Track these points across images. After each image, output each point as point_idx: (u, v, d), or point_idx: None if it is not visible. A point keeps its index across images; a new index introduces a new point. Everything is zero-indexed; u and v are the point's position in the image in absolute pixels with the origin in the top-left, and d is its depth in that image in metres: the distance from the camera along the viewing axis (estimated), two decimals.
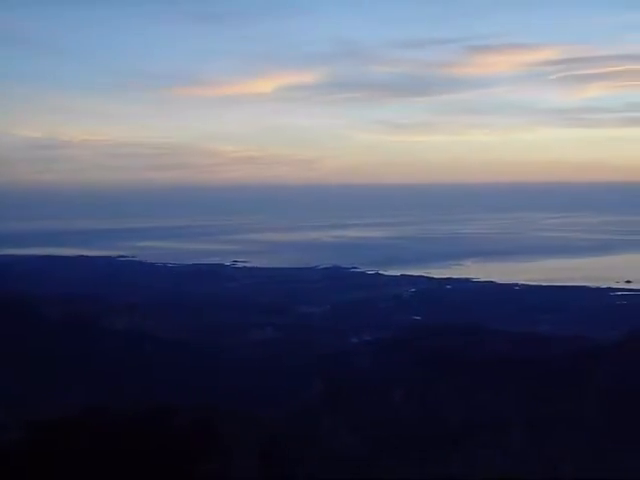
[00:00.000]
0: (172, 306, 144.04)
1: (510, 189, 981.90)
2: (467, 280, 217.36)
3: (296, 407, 76.48)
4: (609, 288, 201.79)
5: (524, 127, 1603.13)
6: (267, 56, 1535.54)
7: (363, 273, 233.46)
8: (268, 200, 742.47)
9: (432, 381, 78.71)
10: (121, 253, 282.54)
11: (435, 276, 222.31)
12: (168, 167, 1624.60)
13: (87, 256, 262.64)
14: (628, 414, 69.46)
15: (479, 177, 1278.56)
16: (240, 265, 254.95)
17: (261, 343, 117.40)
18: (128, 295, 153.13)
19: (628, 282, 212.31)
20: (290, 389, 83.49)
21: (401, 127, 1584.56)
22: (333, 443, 67.95)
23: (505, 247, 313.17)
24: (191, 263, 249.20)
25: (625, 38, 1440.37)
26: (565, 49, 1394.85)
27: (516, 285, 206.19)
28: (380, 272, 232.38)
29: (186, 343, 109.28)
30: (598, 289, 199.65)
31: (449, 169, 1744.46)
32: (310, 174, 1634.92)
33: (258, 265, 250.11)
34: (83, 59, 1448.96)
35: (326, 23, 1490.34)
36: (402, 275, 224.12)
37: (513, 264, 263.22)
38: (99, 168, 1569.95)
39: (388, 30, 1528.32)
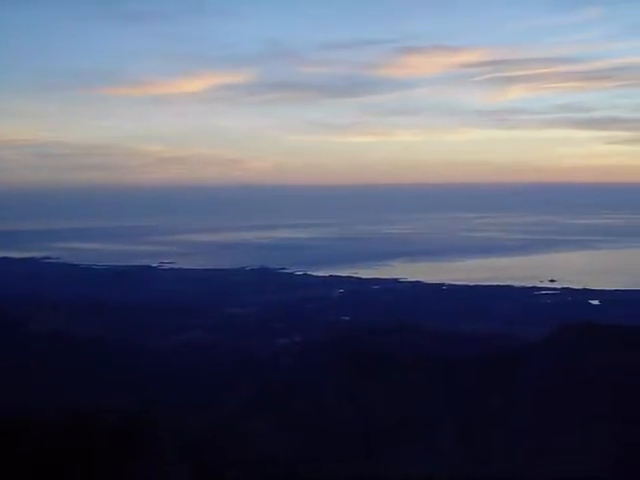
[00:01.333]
0: (96, 308, 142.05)
1: (437, 190, 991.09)
2: (395, 280, 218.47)
3: (226, 409, 75.83)
4: (534, 287, 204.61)
5: (450, 128, 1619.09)
6: (196, 56, 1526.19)
7: (292, 274, 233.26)
8: (196, 201, 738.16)
9: (362, 381, 78.72)
10: (46, 254, 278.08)
11: (363, 276, 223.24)
12: (94, 167, 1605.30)
13: (11, 258, 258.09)
14: (553, 412, 70.23)
15: (407, 178, 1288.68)
16: (167, 266, 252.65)
17: (188, 345, 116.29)
18: (51, 296, 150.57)
19: (552, 281, 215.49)
20: (219, 391, 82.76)
21: (331, 128, 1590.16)
22: (263, 444, 67.52)
23: (432, 247, 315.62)
24: (118, 264, 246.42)
25: (548, 41, 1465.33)
26: (490, 51, 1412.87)
27: (443, 285, 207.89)
28: (308, 273, 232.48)
29: (110, 345, 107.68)
30: (523, 288, 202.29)
31: (378, 170, 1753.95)
32: (239, 175, 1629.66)
33: (185, 266, 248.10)
34: (7, 58, 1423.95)
35: (255, 24, 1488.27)
36: (330, 276, 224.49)
37: (440, 264, 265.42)
38: (25, 168, 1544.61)
39: (317, 31, 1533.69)
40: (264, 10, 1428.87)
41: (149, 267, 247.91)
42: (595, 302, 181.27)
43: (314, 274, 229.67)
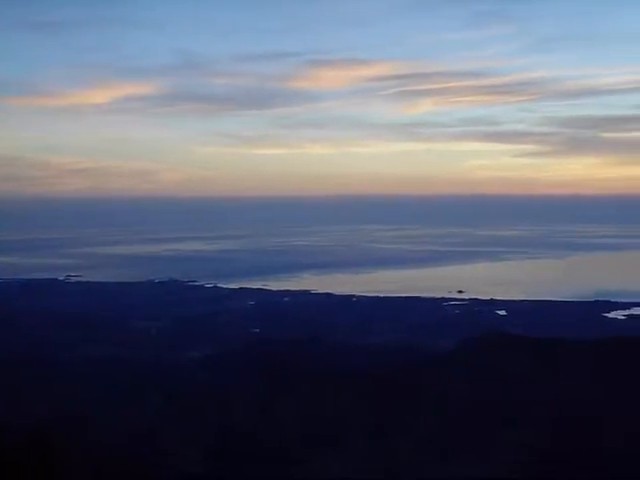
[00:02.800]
0: (1, 323, 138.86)
1: (347, 202, 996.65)
2: (305, 292, 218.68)
3: (134, 423, 74.63)
4: (442, 298, 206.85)
5: (360, 141, 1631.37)
6: (105, 66, 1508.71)
7: (201, 286, 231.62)
8: (104, 213, 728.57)
9: (273, 393, 78.36)
10: None
11: (274, 288, 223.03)
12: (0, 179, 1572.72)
13: None
14: (462, 419, 70.87)
15: (317, 190, 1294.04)
16: (74, 279, 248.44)
17: (96, 359, 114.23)
18: None
19: (460, 292, 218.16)
20: (128, 406, 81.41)
21: (241, 140, 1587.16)
22: (173, 459, 66.64)
23: (342, 259, 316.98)
24: (22, 277, 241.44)
25: (457, 55, 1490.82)
26: (399, 65, 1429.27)
27: (353, 296, 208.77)
28: (218, 285, 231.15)
29: (13, 360, 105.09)
30: (432, 299, 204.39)
31: (287, 182, 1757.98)
32: (149, 186, 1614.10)
33: (93, 279, 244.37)
34: None
35: (166, 35, 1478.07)
36: (241, 288, 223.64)
37: (350, 275, 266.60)
38: None
39: (228, 43, 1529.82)
40: (174, 21, 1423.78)
41: (55, 280, 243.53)
42: (502, 312, 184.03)
43: (224, 286, 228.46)
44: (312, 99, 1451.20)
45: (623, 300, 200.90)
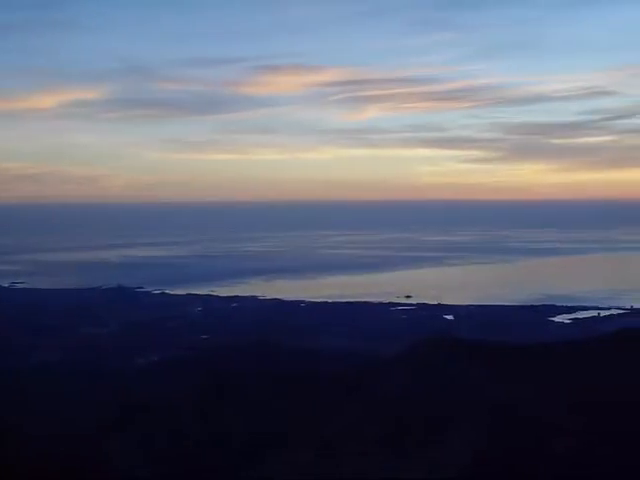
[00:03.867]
0: None
1: (296, 207, 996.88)
2: (254, 298, 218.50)
3: (82, 430, 74.14)
4: (390, 303, 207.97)
5: (309, 146, 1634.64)
6: (49, 71, 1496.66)
7: (149, 293, 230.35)
8: (51, 219, 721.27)
9: (221, 399, 78.27)
10: None
11: (222, 294, 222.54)
12: None
13: None
14: (408, 423, 71.37)
15: (266, 195, 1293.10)
16: (19, 286, 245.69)
17: (43, 366, 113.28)
18: None
19: (408, 297, 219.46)
20: (76, 412, 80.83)
21: (189, 145, 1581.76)
22: (117, 464, 66.35)
23: (291, 264, 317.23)
24: None
25: (405, 62, 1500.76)
26: (347, 71, 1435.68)
27: (302, 302, 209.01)
28: (166, 291, 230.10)
29: None
30: (380, 304, 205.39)
31: (237, 188, 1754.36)
32: (96, 192, 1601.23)
33: (39, 286, 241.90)
34: None
35: (113, 40, 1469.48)
36: (188, 294, 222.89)
37: (299, 281, 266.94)
38: None
39: (177, 48, 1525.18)
40: (122, 26, 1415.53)
41: None
42: (449, 317, 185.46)
43: (172, 293, 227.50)
44: (260, 105, 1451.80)
45: (568, 304, 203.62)
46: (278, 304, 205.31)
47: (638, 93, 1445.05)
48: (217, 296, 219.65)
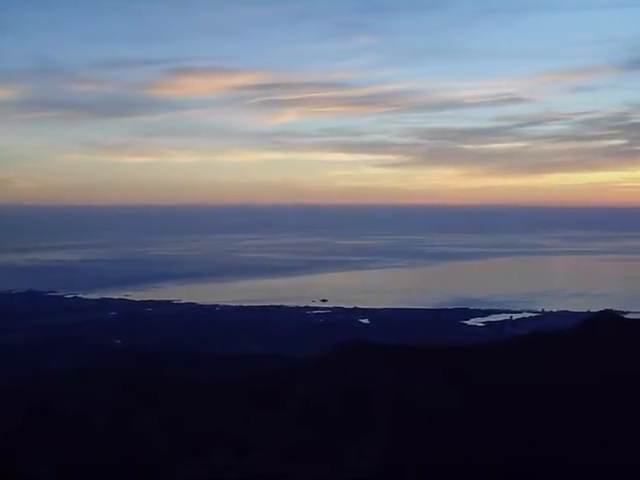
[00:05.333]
0: None
1: (211, 211, 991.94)
2: (168, 302, 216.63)
3: None
4: (307, 307, 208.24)
5: (225, 150, 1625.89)
6: None
7: (61, 297, 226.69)
8: None
9: (136, 406, 77.16)
10: None
11: (136, 299, 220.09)
12: None
13: None
14: (324, 429, 71.38)
15: (181, 199, 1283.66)
16: None
17: None
18: None
19: (324, 301, 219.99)
20: None
21: (103, 147, 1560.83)
22: (27, 475, 64.88)
23: (206, 268, 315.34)
24: None
25: (320, 66, 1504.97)
26: (264, 75, 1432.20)
27: (217, 306, 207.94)
28: (79, 296, 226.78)
29: None
30: (297, 308, 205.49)
31: (152, 191, 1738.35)
32: (7, 194, 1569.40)
33: None
34: None
35: (25, 40, 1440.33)
36: (102, 298, 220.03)
37: (214, 285, 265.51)
38: None
39: (91, 49, 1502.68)
40: (35, 26, 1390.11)
41: None
42: (365, 321, 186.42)
43: (85, 297, 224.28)
44: (176, 107, 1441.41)
45: (481, 307, 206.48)
46: (193, 308, 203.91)
47: (549, 100, 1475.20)
48: (132, 300, 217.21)
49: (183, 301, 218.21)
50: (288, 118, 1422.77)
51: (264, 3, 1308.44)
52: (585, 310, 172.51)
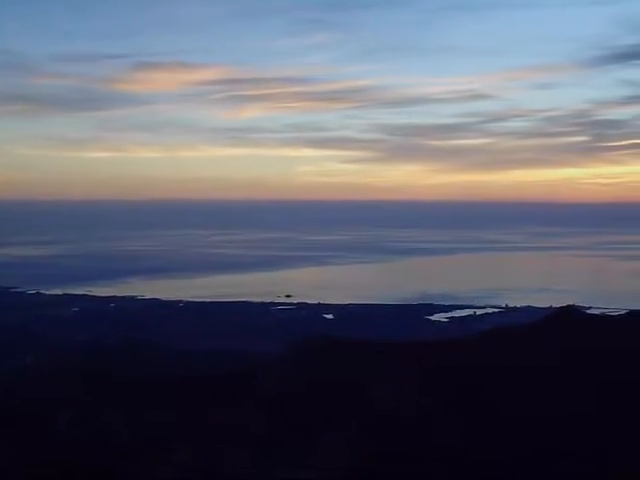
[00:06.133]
0: None
1: (175, 206, 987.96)
2: (132, 298, 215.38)
3: None
4: (271, 303, 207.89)
5: (188, 145, 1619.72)
6: None
7: (23, 293, 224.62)
8: None
9: (99, 402, 76.57)
10: None
11: (99, 294, 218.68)
12: None
13: None
14: (290, 423, 71.20)
15: (145, 194, 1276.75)
16: None
17: None
18: None
19: (289, 296, 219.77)
20: None
21: (66, 142, 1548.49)
22: None
23: (170, 264, 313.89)
24: None
25: (285, 62, 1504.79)
26: (227, 70, 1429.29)
27: (181, 302, 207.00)
28: (41, 291, 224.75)
29: None
30: (262, 304, 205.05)
31: (115, 186, 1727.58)
32: None
33: None
34: None
35: None
36: (65, 294, 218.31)
37: (178, 281, 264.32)
38: None
39: (54, 44, 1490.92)
40: None
41: None
42: (329, 316, 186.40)
43: (47, 293, 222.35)
44: (140, 102, 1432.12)
45: (445, 303, 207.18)
46: (156, 304, 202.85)
47: (513, 97, 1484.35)
48: (94, 296, 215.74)
49: (147, 297, 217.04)
50: (253, 113, 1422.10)
51: None
52: (548, 305, 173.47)
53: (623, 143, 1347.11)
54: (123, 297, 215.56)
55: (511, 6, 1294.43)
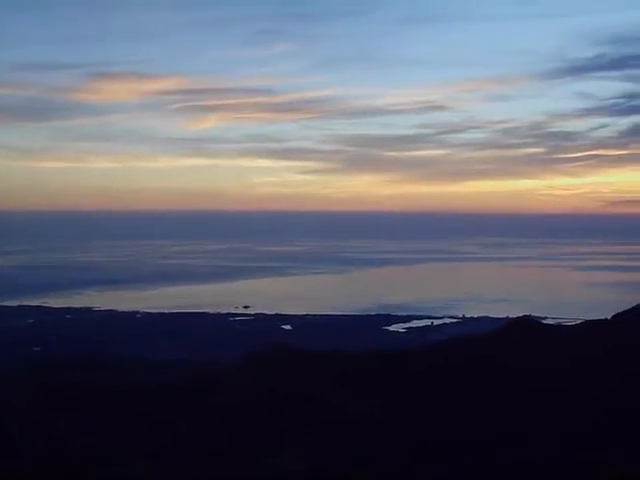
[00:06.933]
0: None
1: (133, 217, 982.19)
2: (88, 309, 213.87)
3: None
4: (228, 313, 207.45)
5: (146, 155, 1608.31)
6: None
7: None
8: None
9: (54, 413, 75.97)
10: None
11: (55, 306, 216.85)
12: None
13: None
14: (243, 435, 71.05)
15: (102, 205, 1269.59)
16: None
17: None
18: None
19: (246, 307, 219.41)
20: None
21: (21, 152, 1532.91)
22: None
23: (127, 275, 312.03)
24: None
25: (243, 72, 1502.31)
26: (186, 80, 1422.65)
27: (138, 313, 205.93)
28: None
29: None
30: (219, 315, 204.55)
31: (72, 196, 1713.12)
32: None
33: None
34: None
35: None
36: (19, 306, 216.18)
37: (135, 292, 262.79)
38: None
39: (7, 52, 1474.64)
40: None
41: None
42: (287, 327, 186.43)
43: (2, 304, 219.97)
44: (96, 112, 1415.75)
45: (403, 313, 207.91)
46: (113, 315, 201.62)
47: (469, 108, 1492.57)
48: (50, 307, 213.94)
49: (103, 308, 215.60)
50: (210, 124, 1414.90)
51: (185, 8, 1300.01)
52: (504, 316, 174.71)
53: (578, 155, 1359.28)
54: (79, 308, 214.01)
55: (468, 19, 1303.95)
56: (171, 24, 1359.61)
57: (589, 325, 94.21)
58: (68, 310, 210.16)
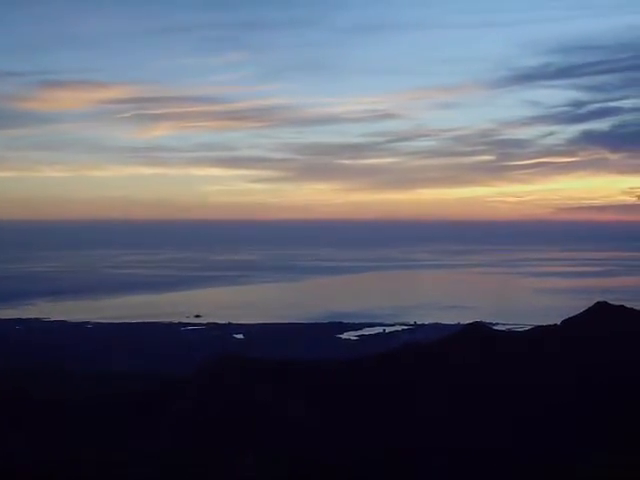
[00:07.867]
0: None
1: (83, 227, 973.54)
2: (37, 320, 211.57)
3: None
4: (180, 323, 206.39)
5: (96, 164, 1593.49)
6: None
7: None
8: None
9: (2, 426, 75.15)
10: None
11: (4, 317, 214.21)
12: None
13: None
14: (201, 444, 70.81)
15: (51, 214, 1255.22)
16: None
17: None
18: None
19: (198, 316, 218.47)
20: None
21: None
22: None
23: (77, 285, 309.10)
24: None
25: (193, 80, 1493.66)
26: (135, 88, 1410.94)
27: (88, 323, 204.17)
28: None
29: None
30: (170, 324, 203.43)
31: (20, 206, 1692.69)
32: None
33: None
34: None
35: None
36: None
37: (85, 302, 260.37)
38: None
39: None
40: None
41: None
42: (239, 336, 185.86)
43: None
44: (45, 121, 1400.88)
45: (355, 321, 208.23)
46: (64, 326, 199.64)
47: (420, 116, 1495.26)
48: None
49: (53, 319, 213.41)
50: (161, 132, 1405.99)
51: (134, 16, 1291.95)
52: (456, 322, 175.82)
53: (527, 162, 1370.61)
54: (29, 319, 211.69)
55: (417, 27, 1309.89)
56: (121, 32, 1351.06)
57: (539, 331, 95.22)
58: (18, 321, 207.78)
